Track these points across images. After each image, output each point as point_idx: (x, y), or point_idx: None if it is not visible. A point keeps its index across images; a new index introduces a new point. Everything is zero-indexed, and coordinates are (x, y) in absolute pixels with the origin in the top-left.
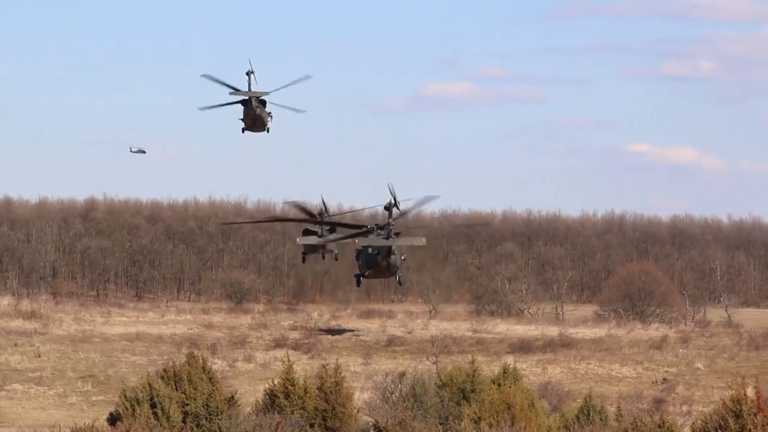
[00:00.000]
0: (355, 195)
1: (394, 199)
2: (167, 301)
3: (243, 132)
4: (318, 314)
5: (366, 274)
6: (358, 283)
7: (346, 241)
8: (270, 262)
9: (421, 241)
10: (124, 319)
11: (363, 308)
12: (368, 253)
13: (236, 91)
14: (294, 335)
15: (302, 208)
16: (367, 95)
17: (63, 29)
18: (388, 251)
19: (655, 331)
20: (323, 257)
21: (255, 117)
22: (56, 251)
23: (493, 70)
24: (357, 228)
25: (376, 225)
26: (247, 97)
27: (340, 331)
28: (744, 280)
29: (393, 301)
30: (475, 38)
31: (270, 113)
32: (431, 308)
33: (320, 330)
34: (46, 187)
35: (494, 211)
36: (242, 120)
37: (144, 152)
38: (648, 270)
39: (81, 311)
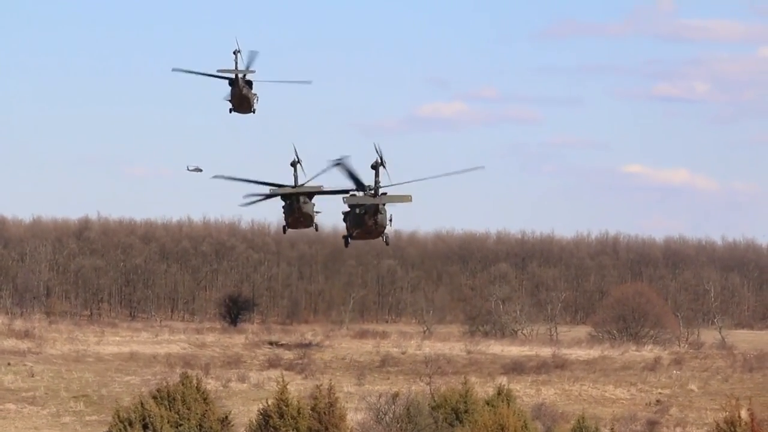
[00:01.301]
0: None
1: (381, 158)
2: (161, 321)
3: (230, 112)
4: (312, 334)
5: (354, 234)
6: (346, 243)
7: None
8: (264, 282)
9: (409, 198)
10: (118, 338)
11: (357, 328)
12: (355, 213)
13: (222, 71)
14: (288, 355)
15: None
16: (360, 114)
17: (57, 46)
18: (375, 210)
19: (649, 352)
20: (300, 221)
21: (242, 97)
22: (50, 270)
23: (486, 90)
24: (341, 192)
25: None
26: (233, 76)
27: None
28: (738, 301)
29: (387, 322)
30: (468, 58)
31: (256, 94)
32: (425, 329)
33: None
34: (39, 206)
35: (488, 232)
36: (229, 101)
37: (201, 170)
38: (642, 291)
39: (75, 331)
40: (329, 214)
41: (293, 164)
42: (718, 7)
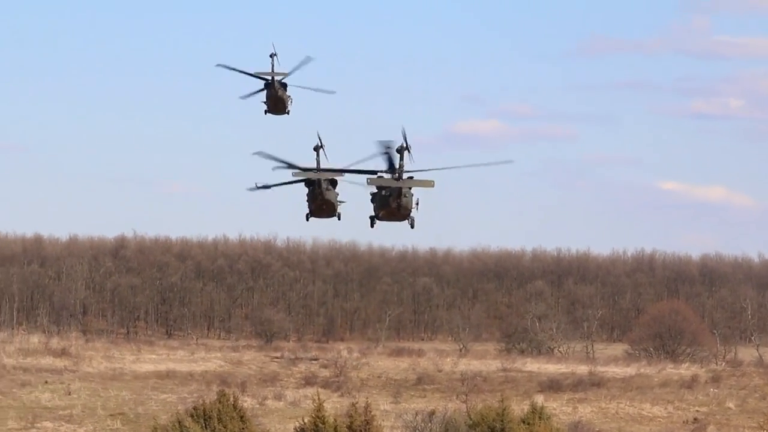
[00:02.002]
0: (384, 235)
1: (406, 142)
2: (197, 339)
3: (265, 114)
4: (347, 352)
5: (380, 215)
6: (372, 224)
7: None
8: (300, 300)
9: (431, 183)
10: (154, 356)
11: (393, 346)
12: (381, 195)
13: (258, 74)
14: (324, 373)
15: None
16: (396, 131)
17: (93, 68)
18: (399, 192)
19: (686, 370)
20: (323, 208)
21: (277, 99)
22: (86, 289)
23: (521, 107)
24: (368, 173)
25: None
26: (269, 79)
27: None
28: None
29: (423, 339)
30: (504, 75)
31: (290, 96)
32: (461, 346)
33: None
34: (76, 225)
35: (524, 249)
36: (265, 102)
37: (268, 187)
38: (678, 309)
39: (111, 349)
40: (355, 215)
41: (316, 149)
42: (753, 24)
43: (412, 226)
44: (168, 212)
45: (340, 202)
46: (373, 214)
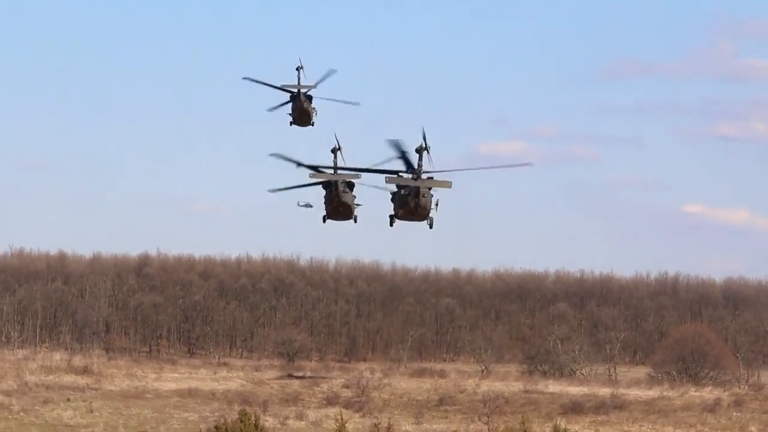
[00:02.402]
0: (405, 254)
1: (425, 142)
2: (219, 358)
3: (291, 125)
4: (369, 372)
5: (399, 214)
6: (391, 222)
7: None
8: (322, 320)
9: (448, 184)
10: (176, 375)
11: (415, 366)
12: (401, 194)
13: (284, 86)
14: (346, 393)
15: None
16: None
17: (117, 89)
18: (417, 192)
19: (709, 393)
20: (339, 210)
21: (302, 111)
22: (109, 306)
23: (546, 129)
24: (388, 172)
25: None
26: (295, 91)
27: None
28: None
29: (445, 360)
30: (529, 97)
31: (315, 108)
32: (483, 367)
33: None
34: (100, 242)
35: (547, 271)
36: (290, 114)
37: (311, 206)
38: (701, 332)
39: (133, 367)
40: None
41: (334, 151)
42: None
43: (431, 226)
44: (191, 230)
45: (356, 204)
46: (392, 213)
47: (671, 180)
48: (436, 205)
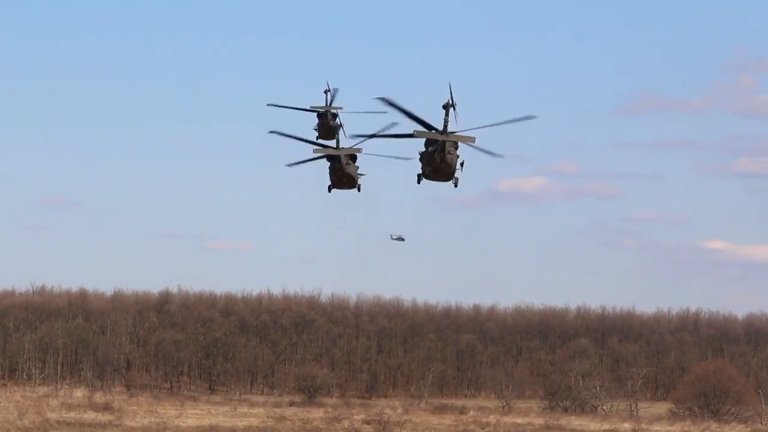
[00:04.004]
0: (426, 290)
1: (452, 99)
2: (240, 395)
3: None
4: (390, 408)
5: (426, 172)
6: (419, 180)
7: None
8: (343, 356)
9: (472, 139)
10: (198, 411)
11: (436, 403)
12: (428, 152)
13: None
14: (367, 429)
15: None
16: (439, 189)
17: (137, 125)
18: (443, 147)
19: (731, 429)
20: (343, 181)
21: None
22: (130, 343)
23: (566, 165)
24: (406, 136)
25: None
26: (323, 110)
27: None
28: None
29: (466, 396)
30: (549, 133)
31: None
32: (504, 404)
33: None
34: (121, 279)
35: (568, 307)
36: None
37: (403, 239)
38: (723, 368)
39: (154, 404)
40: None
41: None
42: None
43: (456, 185)
44: (212, 267)
45: (360, 174)
46: (420, 172)
47: (692, 216)
48: (462, 165)
